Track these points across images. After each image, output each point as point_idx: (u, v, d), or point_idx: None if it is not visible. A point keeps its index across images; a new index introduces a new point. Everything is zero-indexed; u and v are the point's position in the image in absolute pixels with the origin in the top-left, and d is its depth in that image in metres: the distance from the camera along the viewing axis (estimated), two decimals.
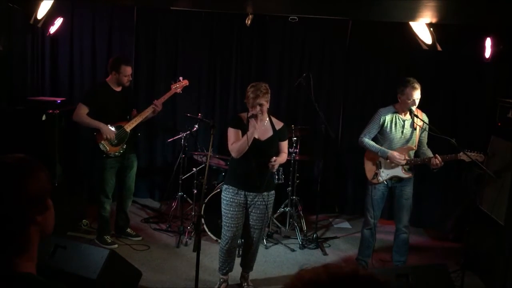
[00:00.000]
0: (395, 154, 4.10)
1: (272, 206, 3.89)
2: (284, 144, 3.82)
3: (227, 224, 3.75)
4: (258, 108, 3.58)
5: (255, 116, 3.59)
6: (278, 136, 3.75)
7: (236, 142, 3.65)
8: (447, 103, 5.71)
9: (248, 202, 3.74)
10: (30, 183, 1.20)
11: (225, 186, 3.80)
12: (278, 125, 3.79)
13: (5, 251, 1.18)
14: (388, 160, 4.14)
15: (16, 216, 1.18)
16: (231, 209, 3.71)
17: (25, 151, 1.29)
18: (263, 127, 3.73)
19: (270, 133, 3.73)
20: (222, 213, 3.79)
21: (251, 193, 3.71)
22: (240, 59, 6.08)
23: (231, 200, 3.71)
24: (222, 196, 3.80)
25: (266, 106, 3.63)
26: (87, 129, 4.61)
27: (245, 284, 4.05)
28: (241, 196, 3.71)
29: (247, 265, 4.04)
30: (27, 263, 1.21)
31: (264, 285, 4.17)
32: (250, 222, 3.80)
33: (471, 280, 4.33)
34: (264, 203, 3.73)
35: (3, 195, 1.17)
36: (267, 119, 3.76)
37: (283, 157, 3.79)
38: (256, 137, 3.66)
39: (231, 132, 3.70)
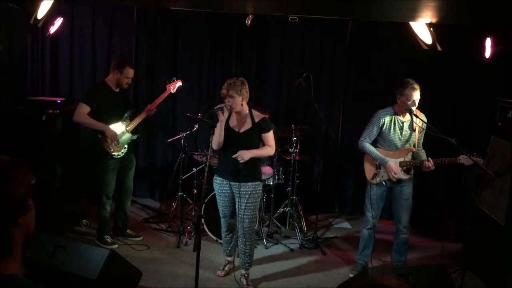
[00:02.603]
0: (393, 167, 4.12)
1: (259, 197, 4.00)
2: (267, 136, 3.88)
3: (220, 210, 4.07)
4: (227, 99, 3.77)
5: (221, 109, 3.75)
6: (258, 128, 3.86)
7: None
8: (447, 103, 5.71)
9: (234, 192, 3.91)
10: (11, 185, 1.19)
11: (214, 177, 4.04)
12: (258, 117, 3.90)
13: None
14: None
15: None
16: (220, 198, 4.01)
17: (25, 151, 1.30)
18: (242, 120, 3.89)
19: (249, 125, 3.87)
20: (217, 200, 4.08)
21: (235, 183, 3.87)
22: (240, 59, 6.08)
23: (218, 189, 3.99)
24: (213, 186, 4.07)
25: (239, 98, 3.77)
26: (87, 129, 4.59)
27: (245, 284, 4.06)
28: (227, 186, 3.93)
29: (243, 262, 4.08)
30: (12, 265, 1.20)
31: (264, 285, 4.17)
32: (239, 212, 3.91)
33: (471, 280, 4.33)
34: (249, 192, 3.85)
35: None
36: (247, 112, 3.87)
37: (266, 150, 3.89)
38: (236, 130, 3.85)
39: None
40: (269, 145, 3.90)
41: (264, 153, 3.93)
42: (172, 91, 4.84)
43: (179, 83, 4.88)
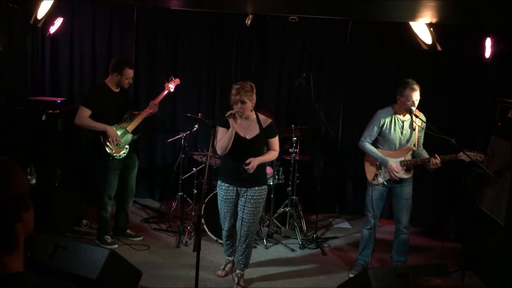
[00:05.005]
0: (394, 166, 4.11)
1: (264, 200, 3.95)
2: (273, 141, 3.86)
3: (224, 216, 3.98)
4: (239, 105, 3.63)
5: (233, 116, 3.61)
6: (265, 133, 3.81)
7: (220, 140, 3.75)
8: (447, 103, 5.71)
9: (240, 196, 3.85)
10: (15, 182, 1.23)
11: (218, 182, 3.96)
12: (266, 122, 3.84)
13: None
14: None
15: (3, 215, 1.20)
16: (225, 204, 3.92)
17: (25, 151, 1.32)
18: (249, 125, 3.80)
19: (256, 131, 3.79)
20: (219, 206, 4.00)
21: (242, 188, 3.81)
22: (240, 59, 6.08)
23: (224, 196, 3.90)
24: (217, 191, 3.99)
25: (250, 104, 3.69)
26: (87, 129, 4.59)
27: (236, 282, 4.01)
28: (233, 191, 3.85)
29: (238, 262, 4.03)
30: (16, 262, 1.22)
31: (264, 285, 4.17)
32: (241, 216, 3.87)
33: (471, 280, 4.33)
34: (255, 197, 3.81)
35: None
36: (254, 117, 3.82)
37: (271, 155, 3.87)
38: (242, 135, 3.75)
39: (219, 131, 3.79)
40: (274, 150, 3.88)
41: (269, 159, 3.91)
42: (171, 90, 4.82)
43: (177, 82, 4.86)
